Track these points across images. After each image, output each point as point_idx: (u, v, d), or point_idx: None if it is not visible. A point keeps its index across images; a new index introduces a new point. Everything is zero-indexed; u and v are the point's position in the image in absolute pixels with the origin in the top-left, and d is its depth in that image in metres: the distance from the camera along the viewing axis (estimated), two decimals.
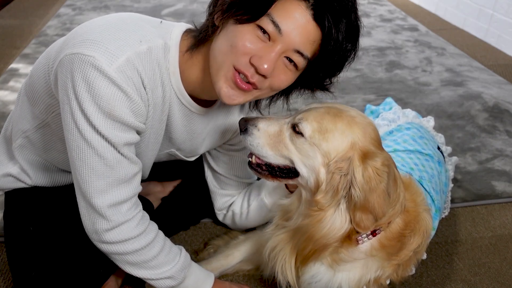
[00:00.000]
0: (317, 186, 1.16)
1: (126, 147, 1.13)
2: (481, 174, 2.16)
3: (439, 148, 1.75)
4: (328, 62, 1.15)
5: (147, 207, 1.32)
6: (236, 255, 1.56)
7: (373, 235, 1.20)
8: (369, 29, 3.98)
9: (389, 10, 4.57)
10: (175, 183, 1.82)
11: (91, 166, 1.10)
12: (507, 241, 1.79)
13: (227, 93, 1.14)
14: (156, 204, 1.72)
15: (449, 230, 1.82)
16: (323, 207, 1.14)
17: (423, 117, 1.98)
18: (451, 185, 1.82)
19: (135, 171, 1.18)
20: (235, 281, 1.56)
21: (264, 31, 1.09)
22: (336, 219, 1.15)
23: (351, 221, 1.14)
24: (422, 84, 3.04)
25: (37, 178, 1.41)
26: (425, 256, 1.44)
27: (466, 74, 3.20)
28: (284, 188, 1.47)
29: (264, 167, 1.25)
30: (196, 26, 1.25)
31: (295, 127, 1.17)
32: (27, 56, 3.24)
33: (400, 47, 3.65)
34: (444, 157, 1.76)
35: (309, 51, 1.12)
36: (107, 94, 1.04)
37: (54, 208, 1.39)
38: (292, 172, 1.21)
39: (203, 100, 1.32)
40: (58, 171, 1.43)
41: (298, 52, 1.11)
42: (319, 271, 1.25)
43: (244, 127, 1.22)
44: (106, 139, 1.09)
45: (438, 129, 2.39)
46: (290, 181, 1.24)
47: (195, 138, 1.43)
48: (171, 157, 1.50)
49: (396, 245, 1.22)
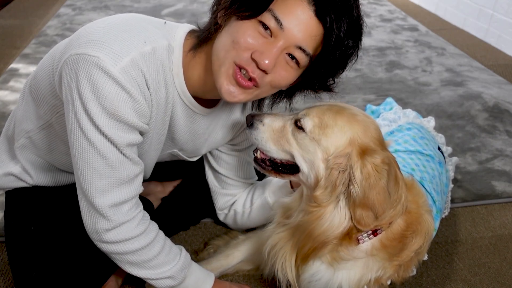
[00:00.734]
0: (317, 182, 1.17)
1: (129, 147, 1.13)
2: (481, 174, 2.16)
3: (439, 149, 1.75)
4: (330, 59, 1.15)
5: (147, 207, 1.32)
6: (236, 255, 1.56)
7: (374, 234, 1.20)
8: (369, 29, 3.97)
9: (389, 10, 4.57)
10: (175, 183, 1.83)
11: (93, 166, 1.10)
12: (507, 241, 1.79)
13: (228, 90, 1.14)
14: (156, 204, 1.72)
15: (449, 230, 1.82)
16: (321, 203, 1.15)
17: (423, 117, 1.98)
18: (451, 185, 1.83)
19: (137, 171, 1.18)
20: (235, 281, 1.56)
21: (266, 27, 1.09)
22: (335, 216, 1.15)
23: (351, 218, 1.15)
24: (422, 84, 3.04)
25: (39, 177, 1.41)
26: (426, 257, 1.44)
27: (466, 74, 3.21)
28: (288, 188, 1.47)
29: (267, 162, 1.27)
30: (199, 27, 1.25)
31: (297, 123, 1.20)
32: (27, 56, 3.24)
33: (400, 47, 3.65)
34: (444, 158, 1.76)
35: (310, 47, 1.12)
36: (111, 94, 1.05)
37: (55, 208, 1.39)
38: (293, 168, 1.22)
39: (206, 100, 1.32)
40: (59, 171, 1.43)
41: (300, 48, 1.11)
42: (319, 270, 1.25)
43: (250, 122, 1.26)
44: (109, 139, 1.09)
45: (438, 129, 2.39)
46: (292, 177, 1.25)
47: (198, 138, 1.43)
48: (173, 158, 1.51)
49: (397, 245, 1.22)
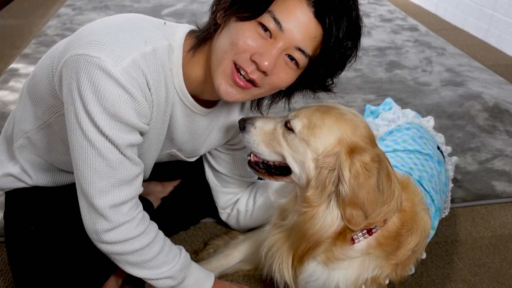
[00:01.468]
0: (308, 183, 1.17)
1: (129, 148, 1.13)
2: (481, 174, 2.16)
3: (439, 148, 1.75)
4: (329, 60, 1.15)
5: (147, 207, 1.32)
6: (236, 255, 1.57)
7: (370, 233, 1.20)
8: (369, 29, 3.98)
9: (389, 10, 4.57)
10: (175, 183, 1.83)
11: (93, 166, 1.10)
12: (507, 241, 1.79)
13: (226, 89, 1.14)
14: (156, 204, 1.72)
15: (449, 230, 1.82)
16: (312, 203, 1.16)
17: (423, 117, 1.98)
18: (451, 185, 1.83)
19: (137, 172, 1.18)
20: (235, 281, 1.56)
21: (266, 28, 1.09)
22: (328, 216, 1.16)
23: (342, 218, 1.15)
24: (422, 84, 3.04)
25: (38, 178, 1.41)
26: (424, 256, 1.44)
27: (466, 74, 3.21)
28: (291, 187, 1.47)
29: (261, 165, 1.29)
30: (199, 27, 1.25)
31: (287, 124, 1.21)
32: (27, 56, 3.24)
33: (400, 47, 3.65)
34: (444, 157, 1.76)
35: (310, 48, 1.12)
36: (112, 95, 1.05)
37: (55, 208, 1.39)
38: (286, 170, 1.23)
39: (205, 100, 1.32)
40: (59, 171, 1.43)
41: (299, 49, 1.11)
42: (316, 270, 1.26)
43: (242, 125, 1.27)
44: (110, 140, 1.09)
45: (438, 129, 2.39)
46: (285, 179, 1.26)
47: (197, 138, 1.43)
48: (171, 158, 1.51)
49: (393, 243, 1.22)
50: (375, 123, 1.88)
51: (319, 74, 1.20)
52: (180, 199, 1.76)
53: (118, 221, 1.16)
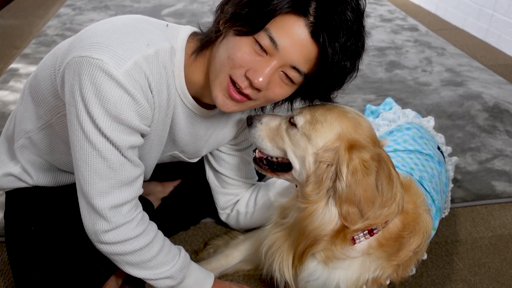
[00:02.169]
0: (308, 179, 1.18)
1: (130, 150, 1.14)
2: (481, 174, 2.16)
3: (439, 148, 1.75)
4: (325, 78, 1.15)
5: (147, 207, 1.32)
6: (236, 255, 1.57)
7: (371, 234, 1.20)
8: (369, 29, 3.97)
9: (389, 10, 4.57)
10: (175, 183, 1.83)
11: (94, 167, 1.11)
12: (507, 241, 1.79)
13: (222, 101, 1.16)
14: (156, 204, 1.73)
15: (449, 230, 1.82)
16: (310, 198, 1.16)
17: (423, 117, 1.98)
18: (451, 185, 1.83)
19: (137, 173, 1.18)
20: (235, 281, 1.56)
21: (261, 46, 1.09)
22: (326, 213, 1.16)
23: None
24: (422, 84, 3.04)
25: (39, 178, 1.41)
26: (425, 257, 1.44)
27: (466, 74, 3.21)
28: (293, 189, 1.47)
29: (264, 161, 1.31)
30: (200, 28, 1.25)
31: (291, 120, 1.23)
32: (27, 56, 3.24)
33: (400, 47, 3.65)
34: (444, 157, 1.76)
35: (305, 67, 1.12)
36: (115, 97, 1.05)
37: (55, 208, 1.39)
38: (287, 166, 1.24)
39: (206, 102, 1.32)
40: (59, 171, 1.43)
41: (294, 68, 1.11)
42: (317, 269, 1.26)
43: (250, 121, 1.32)
44: (111, 141, 1.09)
45: (438, 129, 2.39)
46: (286, 175, 1.26)
47: (198, 140, 1.43)
48: (173, 159, 1.51)
49: (394, 244, 1.22)
50: (375, 123, 1.88)
51: (316, 90, 1.19)
52: (180, 199, 1.76)
53: (118, 222, 1.16)
